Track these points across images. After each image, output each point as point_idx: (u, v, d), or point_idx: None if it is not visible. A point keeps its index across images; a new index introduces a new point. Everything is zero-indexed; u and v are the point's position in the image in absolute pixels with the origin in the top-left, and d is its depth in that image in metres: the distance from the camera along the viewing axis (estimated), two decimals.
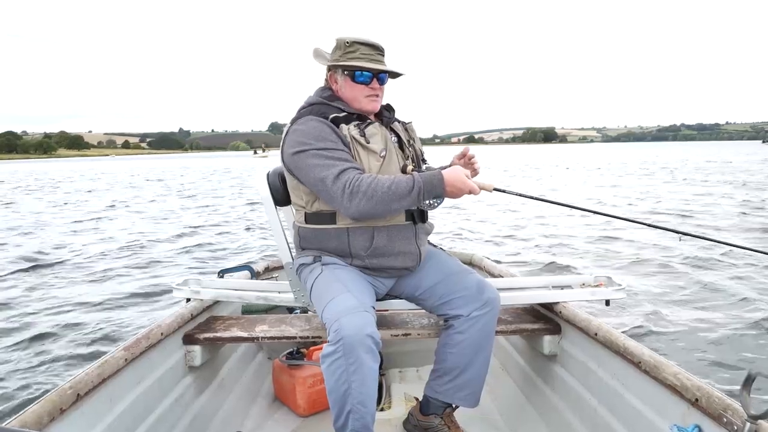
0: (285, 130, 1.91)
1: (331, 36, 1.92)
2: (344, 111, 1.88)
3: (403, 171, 1.86)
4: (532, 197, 2.03)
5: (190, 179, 30.58)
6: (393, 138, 1.94)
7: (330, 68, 1.94)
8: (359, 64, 1.86)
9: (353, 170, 1.75)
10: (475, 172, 1.91)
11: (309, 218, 1.91)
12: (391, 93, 2.04)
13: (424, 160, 2.05)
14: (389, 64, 1.95)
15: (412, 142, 2.01)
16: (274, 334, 2.11)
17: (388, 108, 2.04)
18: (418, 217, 1.93)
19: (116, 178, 33.65)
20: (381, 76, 1.90)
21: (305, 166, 1.79)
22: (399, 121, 2.03)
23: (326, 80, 1.98)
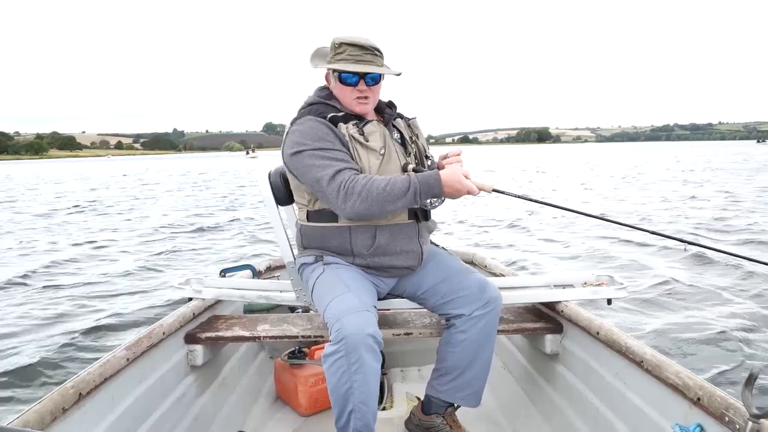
0: (286, 130, 1.91)
1: (327, 36, 1.91)
2: (342, 110, 1.88)
3: (404, 170, 1.85)
4: (531, 199, 2.02)
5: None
6: (396, 135, 1.94)
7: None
8: (343, 67, 1.84)
9: (349, 171, 1.74)
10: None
11: (311, 216, 1.90)
12: (389, 92, 2.03)
13: (427, 157, 2.03)
14: (386, 63, 1.92)
15: (415, 138, 1.99)
16: (276, 334, 2.11)
17: (390, 105, 2.03)
18: (421, 215, 1.93)
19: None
20: (371, 77, 1.86)
21: (303, 166, 1.79)
22: (402, 118, 2.02)
23: (326, 78, 1.98)
